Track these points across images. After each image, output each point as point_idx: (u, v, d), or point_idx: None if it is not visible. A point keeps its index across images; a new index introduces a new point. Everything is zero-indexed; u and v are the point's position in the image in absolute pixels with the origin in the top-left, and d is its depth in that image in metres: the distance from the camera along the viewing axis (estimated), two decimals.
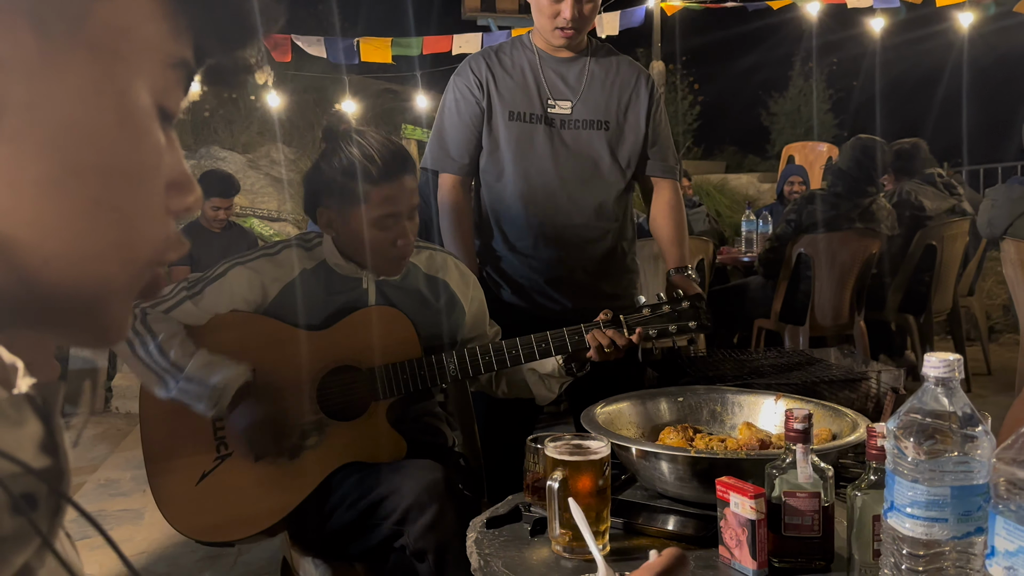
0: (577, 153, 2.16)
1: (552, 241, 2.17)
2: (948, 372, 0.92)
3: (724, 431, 1.59)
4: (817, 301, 4.09)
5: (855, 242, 4.02)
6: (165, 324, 1.72)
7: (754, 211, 5.41)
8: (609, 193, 2.19)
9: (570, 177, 2.15)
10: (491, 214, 2.22)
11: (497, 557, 1.24)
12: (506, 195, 2.18)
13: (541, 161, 2.15)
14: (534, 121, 2.16)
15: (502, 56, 2.23)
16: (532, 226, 2.17)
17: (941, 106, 10.85)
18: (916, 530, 0.93)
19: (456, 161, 2.21)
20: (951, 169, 5.17)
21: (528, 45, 2.23)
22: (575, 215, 2.17)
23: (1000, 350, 5.72)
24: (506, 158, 2.17)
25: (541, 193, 2.15)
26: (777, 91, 12.53)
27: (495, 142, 2.18)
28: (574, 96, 2.18)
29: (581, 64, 2.20)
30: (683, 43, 10.36)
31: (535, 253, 2.18)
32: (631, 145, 2.21)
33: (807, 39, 10.06)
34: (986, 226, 3.19)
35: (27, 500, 0.46)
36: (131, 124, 0.47)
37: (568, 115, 2.17)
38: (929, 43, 9.56)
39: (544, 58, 2.20)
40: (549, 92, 2.18)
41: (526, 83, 2.18)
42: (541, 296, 2.20)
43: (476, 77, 2.19)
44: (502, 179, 2.18)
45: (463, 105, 2.20)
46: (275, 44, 5.84)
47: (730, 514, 1.16)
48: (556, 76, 2.19)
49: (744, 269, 5.00)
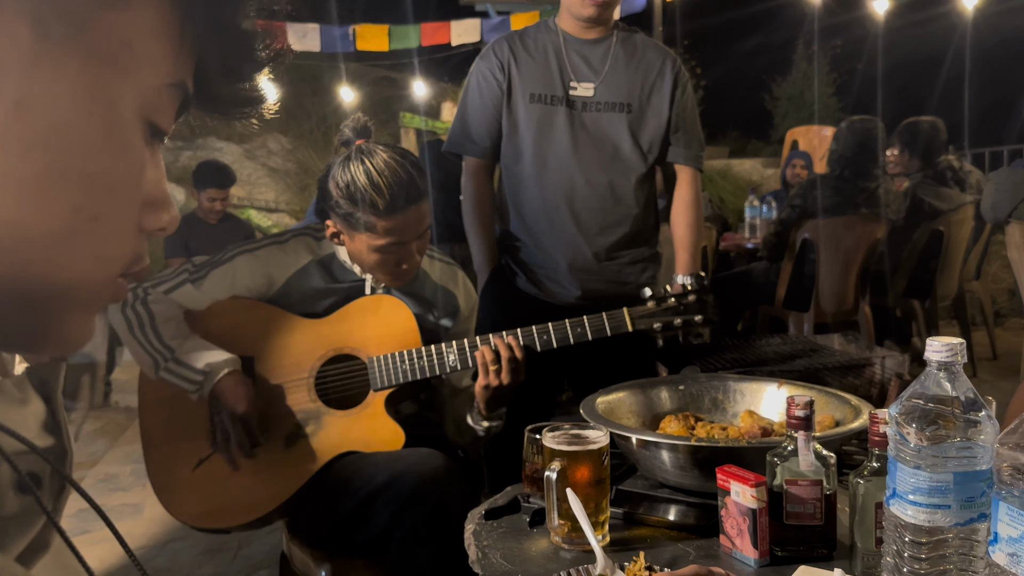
0: (597, 136, 2.14)
1: (569, 226, 2.14)
2: (951, 356, 0.90)
3: (726, 419, 1.57)
4: (821, 287, 4.06)
5: (860, 227, 3.99)
6: (163, 306, 1.74)
7: (758, 197, 5.38)
8: (629, 177, 2.16)
9: (589, 160, 2.13)
10: (510, 198, 2.21)
11: (495, 548, 1.22)
12: (524, 178, 2.16)
13: (560, 144, 2.13)
14: (555, 103, 2.14)
15: (526, 39, 2.21)
16: (549, 210, 2.15)
17: (944, 88, 10.77)
18: (919, 517, 0.91)
19: (478, 145, 2.21)
20: (956, 152, 5.12)
21: (553, 28, 2.21)
22: (594, 199, 2.14)
23: (1006, 335, 5.69)
24: (525, 141, 2.15)
25: (559, 175, 2.13)
26: (780, 75, 12.44)
27: (515, 124, 2.17)
28: (597, 78, 2.15)
29: (606, 45, 2.18)
30: (684, 27, 10.28)
31: (552, 237, 2.16)
32: (653, 129, 2.18)
33: (810, 22, 9.98)
34: (990, 210, 3.15)
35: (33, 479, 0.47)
36: (119, 135, 0.47)
37: (590, 97, 2.14)
38: (932, 25, 9.49)
39: (569, 40, 2.18)
40: (572, 74, 2.15)
41: (548, 65, 2.16)
42: (556, 284, 2.18)
43: (498, 59, 2.18)
44: (520, 162, 2.17)
45: (485, 88, 2.19)
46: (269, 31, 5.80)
47: (731, 503, 1.15)
48: (580, 58, 2.17)
49: (748, 255, 4.97)
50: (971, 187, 4.44)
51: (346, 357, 1.77)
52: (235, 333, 1.77)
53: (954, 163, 4.49)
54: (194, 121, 0.56)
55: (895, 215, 4.08)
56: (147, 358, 1.72)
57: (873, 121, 4.04)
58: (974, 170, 4.65)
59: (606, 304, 1.79)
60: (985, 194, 3.25)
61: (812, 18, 8.85)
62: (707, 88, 11.81)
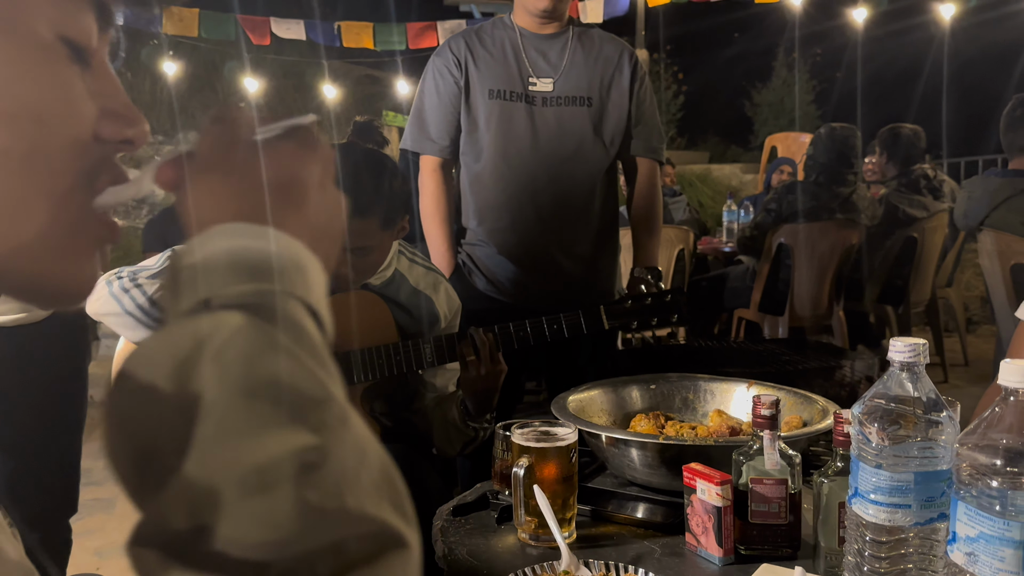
0: (559, 131, 2.13)
1: (532, 223, 2.13)
2: (913, 357, 0.91)
3: (696, 419, 1.58)
4: (797, 291, 4.10)
5: (835, 233, 4.02)
6: (154, 282, 1.72)
7: (736, 201, 5.42)
8: (592, 172, 2.15)
9: (551, 155, 2.12)
10: (470, 197, 2.19)
11: (462, 545, 1.22)
12: (485, 175, 2.14)
13: (521, 140, 2.12)
14: (514, 99, 2.12)
15: (482, 35, 2.20)
16: (512, 207, 2.13)
17: (923, 98, 10.90)
18: (879, 516, 0.92)
19: (436, 143, 2.18)
20: (933, 161, 5.18)
21: (509, 24, 2.20)
22: (557, 194, 2.13)
23: (977, 341, 5.75)
24: (485, 138, 2.14)
25: (521, 172, 2.12)
26: (761, 81, 12.56)
27: (474, 121, 2.15)
28: (556, 73, 2.14)
29: (563, 40, 2.17)
30: (667, 32, 10.35)
31: (514, 234, 2.14)
32: (615, 123, 2.17)
33: (791, 30, 10.08)
34: (963, 218, 3.20)
35: None
36: (31, 60, 0.43)
37: (550, 92, 2.13)
38: (911, 35, 9.60)
39: (526, 36, 2.17)
40: (531, 70, 2.14)
41: (507, 61, 2.15)
42: (517, 284, 2.16)
43: (455, 56, 2.16)
44: (481, 159, 2.15)
45: (442, 85, 2.17)
46: (253, 27, 5.77)
47: (697, 501, 1.15)
48: (537, 54, 2.16)
49: (725, 259, 5.00)
50: (944, 195, 4.50)
51: None
52: None
53: (928, 171, 4.55)
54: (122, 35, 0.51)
55: (870, 221, 4.13)
56: (142, 332, 1.68)
57: (851, 129, 4.09)
58: (948, 179, 4.71)
59: (570, 303, 1.79)
60: (958, 203, 3.29)
61: (793, 26, 8.93)
62: (688, 93, 11.90)
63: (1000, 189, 2.98)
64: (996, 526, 0.79)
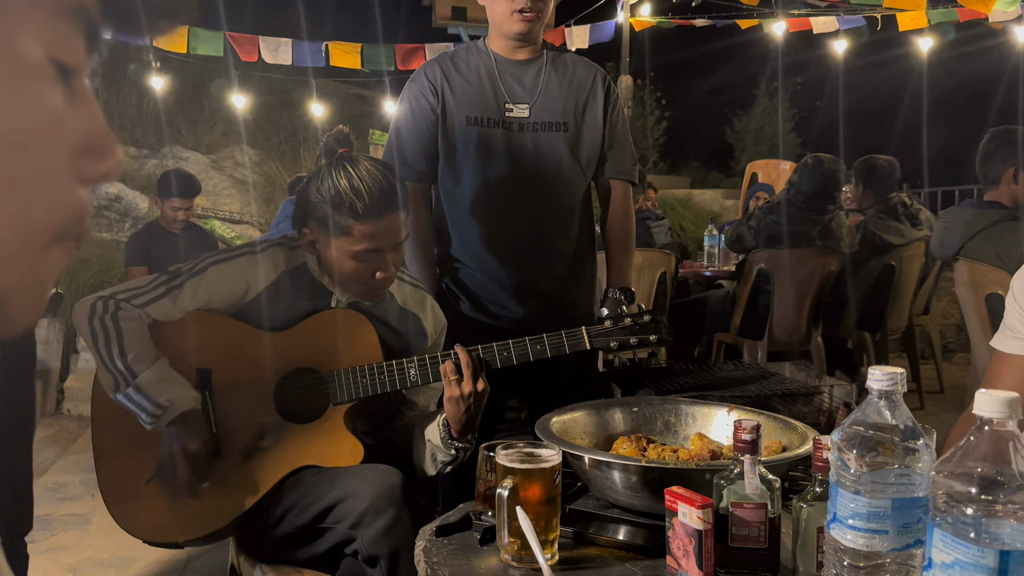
0: (537, 156, 2.15)
1: (512, 247, 2.15)
2: (891, 385, 0.94)
3: (677, 442, 1.59)
4: (776, 317, 4.14)
5: (814, 260, 4.08)
6: (134, 324, 1.70)
7: (717, 227, 5.48)
8: (571, 195, 2.18)
9: (530, 181, 2.14)
10: (450, 221, 2.20)
11: (445, 566, 1.23)
12: (465, 201, 2.16)
13: (499, 166, 2.13)
14: (491, 125, 2.14)
15: (457, 61, 2.21)
16: (492, 232, 2.15)
17: (903, 129, 11.08)
18: (857, 542, 0.94)
19: (413, 168, 2.19)
20: (910, 191, 5.28)
21: (484, 49, 2.21)
22: (535, 219, 2.15)
23: (953, 369, 5.83)
24: (464, 164, 2.15)
25: (500, 198, 2.13)
26: (742, 109, 12.72)
27: (451, 148, 2.16)
28: (531, 98, 2.16)
29: (537, 66, 2.19)
30: (652, 59, 10.46)
31: (496, 258, 2.16)
32: (590, 146, 2.19)
33: (772, 59, 10.22)
34: (939, 247, 3.25)
35: None
36: (18, 82, 0.42)
37: (526, 118, 2.15)
38: (890, 67, 9.77)
39: (500, 62, 2.19)
40: (507, 96, 2.16)
41: (483, 87, 2.16)
42: (499, 306, 2.18)
43: (431, 83, 2.17)
44: (460, 185, 2.16)
45: (418, 111, 2.18)
46: (241, 44, 5.78)
47: (678, 524, 1.17)
48: (513, 79, 2.17)
49: (705, 283, 5.05)
50: (922, 224, 4.58)
51: (306, 370, 1.76)
52: (195, 344, 1.75)
53: (905, 200, 4.62)
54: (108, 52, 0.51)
55: (847, 248, 4.19)
56: (108, 376, 1.68)
57: (838, 162, 4.14)
58: (923, 208, 4.79)
59: (550, 324, 1.80)
60: (935, 232, 3.35)
61: (775, 55, 9.05)
62: (671, 119, 12.02)
63: (976, 220, 3.04)
64: (971, 553, 0.81)
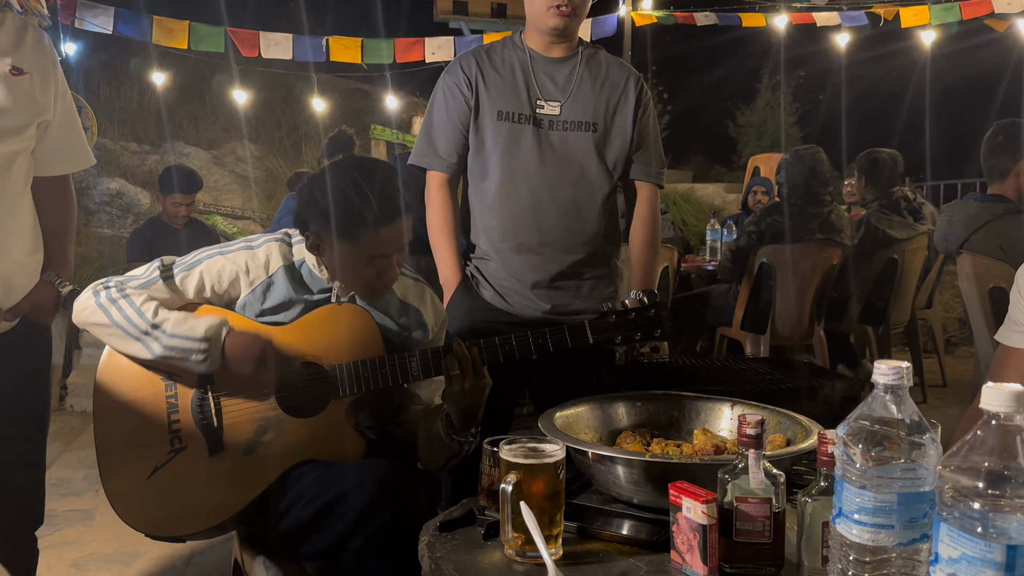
0: (564, 155, 2.14)
1: (536, 243, 2.15)
2: (897, 379, 0.93)
3: (681, 436, 1.59)
4: (778, 311, 4.13)
5: (816, 253, 4.07)
6: (140, 294, 1.73)
7: (719, 221, 5.48)
8: (595, 196, 2.17)
9: (556, 179, 2.13)
10: (477, 214, 2.20)
11: (448, 561, 1.22)
12: (491, 195, 2.16)
13: (527, 162, 2.13)
14: (522, 121, 2.14)
15: (493, 55, 2.21)
16: (517, 228, 2.14)
17: (905, 122, 11.05)
18: (863, 536, 0.93)
19: (443, 159, 2.20)
20: (912, 184, 5.27)
21: (520, 45, 2.22)
22: (560, 217, 2.14)
23: (955, 362, 5.83)
24: (492, 158, 2.15)
25: (526, 194, 2.13)
26: (745, 103, 12.71)
27: (481, 141, 2.16)
28: (563, 97, 2.16)
29: (571, 65, 2.19)
30: (654, 53, 10.44)
31: (518, 255, 2.15)
32: (618, 148, 2.19)
33: (775, 53, 10.19)
34: (942, 241, 3.24)
35: None
36: None
37: (556, 116, 2.15)
38: (893, 60, 9.74)
39: (535, 58, 2.19)
40: (539, 92, 2.16)
41: (516, 83, 2.17)
42: (522, 299, 2.18)
43: (465, 75, 2.18)
44: (487, 179, 2.16)
45: (451, 103, 2.18)
46: (242, 39, 5.77)
47: (682, 519, 1.16)
48: (546, 77, 2.18)
49: (708, 277, 5.05)
50: (925, 218, 4.57)
51: (307, 364, 1.76)
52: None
53: (908, 194, 4.61)
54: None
55: (849, 241, 4.18)
56: (137, 344, 1.69)
57: (815, 148, 4.20)
58: (926, 202, 4.78)
59: (571, 319, 1.81)
60: (939, 226, 3.34)
61: (778, 50, 9.03)
62: (674, 113, 12.02)
63: (979, 213, 3.03)
64: (978, 548, 0.80)
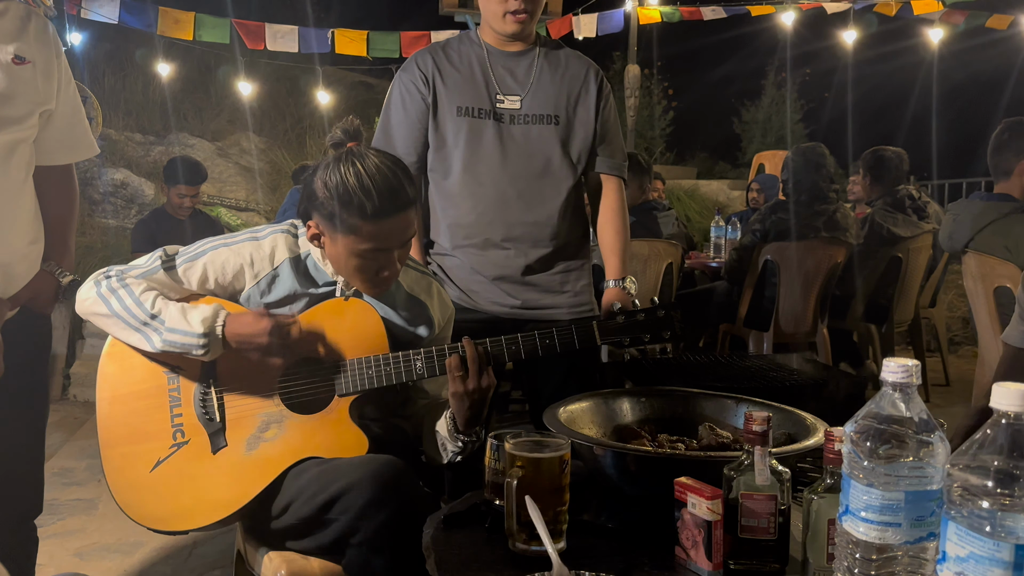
0: (527, 149, 2.13)
1: (501, 239, 2.13)
2: (906, 377, 0.93)
3: (685, 432, 1.59)
4: (782, 308, 4.13)
5: (820, 251, 4.06)
6: (140, 283, 1.71)
7: (723, 217, 5.47)
8: (560, 189, 2.15)
9: (520, 173, 2.12)
10: (440, 212, 2.18)
11: (453, 555, 1.22)
12: (454, 192, 2.14)
13: (490, 157, 2.11)
14: (482, 116, 2.12)
15: (449, 51, 2.19)
16: (482, 224, 2.13)
17: (911, 120, 11.03)
18: (870, 534, 0.93)
19: (403, 159, 2.17)
20: (917, 183, 5.26)
21: (476, 40, 2.20)
22: (525, 212, 2.13)
23: (959, 362, 5.81)
24: (454, 154, 2.13)
25: (491, 189, 2.11)
26: (750, 100, 12.66)
27: (442, 138, 2.14)
28: (523, 90, 2.15)
29: (530, 58, 2.17)
30: (659, 49, 10.43)
31: (484, 251, 2.14)
32: (581, 140, 2.18)
33: (781, 49, 10.16)
34: (948, 240, 3.23)
35: None
36: None
37: (517, 110, 2.13)
38: (900, 59, 9.72)
39: (492, 53, 2.17)
40: (498, 87, 2.14)
41: (474, 78, 2.14)
42: (489, 295, 2.16)
43: (422, 72, 2.15)
44: (450, 176, 2.14)
45: (408, 101, 2.16)
46: (247, 31, 5.76)
47: (687, 514, 1.16)
48: (505, 71, 2.16)
49: (712, 274, 5.04)
50: (929, 216, 4.56)
51: (311, 360, 1.76)
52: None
53: (913, 192, 4.61)
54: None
55: (854, 239, 4.17)
56: (137, 335, 1.68)
57: (818, 145, 4.22)
58: (931, 201, 4.77)
59: (542, 314, 1.78)
60: (944, 224, 3.33)
61: (784, 46, 9.01)
62: (678, 109, 11.98)
63: (985, 212, 3.02)
64: (986, 547, 0.80)
